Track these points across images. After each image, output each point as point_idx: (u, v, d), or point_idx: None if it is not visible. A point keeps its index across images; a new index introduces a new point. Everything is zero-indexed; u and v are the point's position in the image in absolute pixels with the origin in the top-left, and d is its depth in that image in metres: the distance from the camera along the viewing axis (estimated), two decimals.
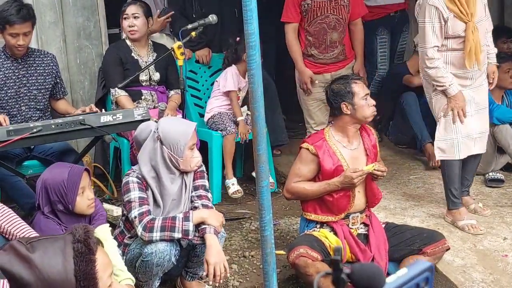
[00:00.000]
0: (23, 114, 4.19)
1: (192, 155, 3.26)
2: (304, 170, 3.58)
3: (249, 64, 2.58)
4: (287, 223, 4.41)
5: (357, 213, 3.62)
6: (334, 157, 3.53)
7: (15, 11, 3.93)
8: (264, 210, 2.74)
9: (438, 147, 4.15)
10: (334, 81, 3.70)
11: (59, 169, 3.12)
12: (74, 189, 3.03)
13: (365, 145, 3.62)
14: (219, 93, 4.94)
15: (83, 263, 1.72)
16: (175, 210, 3.27)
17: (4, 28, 3.98)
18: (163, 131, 3.22)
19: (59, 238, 1.79)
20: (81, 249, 1.73)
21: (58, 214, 3.08)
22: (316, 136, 3.67)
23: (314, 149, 3.53)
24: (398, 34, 5.93)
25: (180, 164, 3.23)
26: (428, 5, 3.95)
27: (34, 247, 1.74)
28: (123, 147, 4.57)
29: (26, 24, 3.98)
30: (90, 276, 1.72)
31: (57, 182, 3.03)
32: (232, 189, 4.77)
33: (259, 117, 2.63)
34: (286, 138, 5.42)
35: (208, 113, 4.95)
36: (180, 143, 3.20)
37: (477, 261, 3.77)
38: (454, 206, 4.20)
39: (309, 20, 4.58)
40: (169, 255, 3.14)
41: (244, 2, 2.52)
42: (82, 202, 3.08)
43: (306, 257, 3.33)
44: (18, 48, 4.04)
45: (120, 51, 4.69)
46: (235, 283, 3.63)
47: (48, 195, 3.04)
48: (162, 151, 3.21)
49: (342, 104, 3.53)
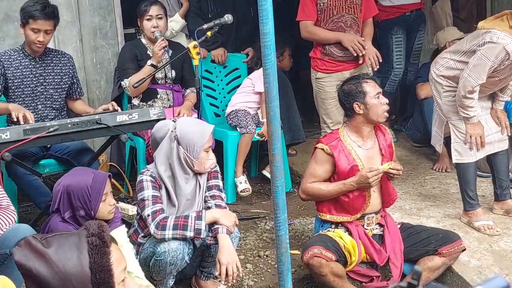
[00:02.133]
0: (39, 112, 4.22)
1: (207, 157, 3.28)
2: (319, 171, 3.57)
3: (265, 63, 2.58)
4: (302, 223, 4.41)
5: (372, 213, 3.61)
6: (349, 157, 3.52)
7: (41, 7, 4.00)
8: (279, 210, 2.74)
9: (455, 149, 4.13)
10: (345, 82, 3.69)
11: (82, 176, 3.08)
12: (98, 196, 3.00)
13: (380, 144, 3.61)
14: (250, 90, 4.96)
15: (98, 256, 1.73)
16: (189, 209, 3.28)
17: (27, 23, 4.03)
18: (180, 131, 3.23)
19: (73, 233, 1.81)
20: (96, 242, 1.74)
21: (80, 220, 3.06)
22: (331, 136, 3.66)
23: (329, 149, 3.52)
24: (414, 34, 5.90)
25: (195, 165, 3.24)
26: (502, 48, 3.82)
27: (49, 242, 1.76)
28: (139, 146, 4.59)
29: (49, 22, 4.04)
30: (105, 269, 1.74)
31: (81, 188, 3.00)
32: (241, 187, 4.78)
33: (274, 117, 2.64)
34: (303, 135, 5.40)
35: (232, 106, 4.95)
36: (196, 145, 3.21)
37: (493, 262, 3.74)
38: (470, 207, 4.18)
39: (325, 19, 4.56)
40: (182, 253, 3.15)
41: (259, 2, 2.52)
42: (104, 208, 3.06)
43: (320, 257, 3.32)
44: (37, 44, 4.08)
45: (136, 48, 4.72)
46: (250, 283, 3.64)
47: (70, 201, 3.01)
48: (178, 151, 3.22)
49: (354, 104, 3.52)
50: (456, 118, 4.11)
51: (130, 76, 4.54)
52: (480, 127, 4.06)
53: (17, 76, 4.14)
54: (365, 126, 3.57)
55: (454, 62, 4.09)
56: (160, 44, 4.42)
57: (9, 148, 3.44)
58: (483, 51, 3.87)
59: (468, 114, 4.01)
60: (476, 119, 4.03)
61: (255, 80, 4.95)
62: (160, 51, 4.41)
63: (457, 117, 4.10)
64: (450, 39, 5.44)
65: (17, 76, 4.14)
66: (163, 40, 4.45)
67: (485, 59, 3.86)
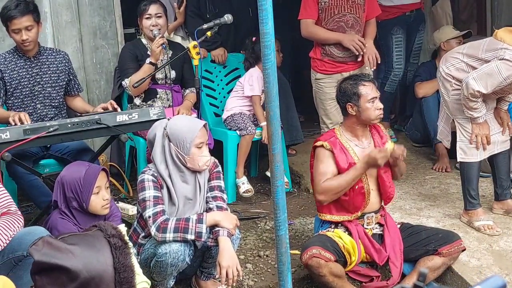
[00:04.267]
0: (39, 112, 4.22)
1: (200, 154, 3.24)
2: (327, 168, 3.53)
3: (265, 63, 2.58)
4: (302, 223, 4.41)
5: (372, 213, 3.61)
6: (347, 154, 3.53)
7: (14, 6, 3.97)
8: (279, 210, 2.74)
9: (460, 147, 4.12)
10: (345, 79, 3.70)
11: (77, 167, 3.18)
12: (89, 187, 3.07)
13: (375, 143, 3.62)
14: (242, 94, 4.95)
15: (122, 256, 1.77)
16: (190, 210, 3.28)
17: (7, 26, 4.03)
18: (170, 128, 3.23)
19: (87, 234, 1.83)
20: (118, 243, 1.79)
21: (74, 212, 3.11)
22: (328, 134, 3.67)
23: (329, 145, 3.52)
24: (414, 34, 5.90)
25: (187, 162, 3.23)
26: None
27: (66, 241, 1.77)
28: (139, 146, 4.59)
29: (25, 18, 3.99)
30: (128, 268, 1.78)
31: (74, 179, 3.09)
32: (243, 188, 4.78)
33: (274, 117, 2.64)
34: (301, 137, 5.42)
35: (228, 111, 4.95)
36: (186, 140, 3.20)
37: (493, 262, 3.74)
38: (471, 207, 4.17)
39: (326, 19, 4.56)
40: (183, 255, 3.15)
41: (259, 2, 2.52)
42: (97, 201, 3.11)
43: (319, 257, 3.32)
44: (23, 44, 4.05)
45: (136, 48, 4.72)
46: (250, 283, 3.64)
47: (64, 192, 3.10)
48: (170, 148, 3.23)
49: (347, 104, 3.54)
50: (462, 117, 4.09)
51: (131, 76, 4.54)
52: (487, 127, 4.05)
53: (14, 77, 4.13)
54: (358, 126, 3.59)
55: (467, 66, 4.04)
56: (157, 42, 4.42)
57: (9, 148, 3.44)
58: (499, 65, 3.82)
59: (472, 115, 4.00)
60: (482, 119, 4.02)
61: (244, 83, 4.95)
62: (158, 48, 4.41)
63: (463, 116, 4.08)
64: (445, 39, 5.45)
65: (14, 77, 4.13)
66: (160, 38, 4.45)
67: (497, 75, 3.82)
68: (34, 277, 1.76)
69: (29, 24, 4.01)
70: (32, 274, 1.76)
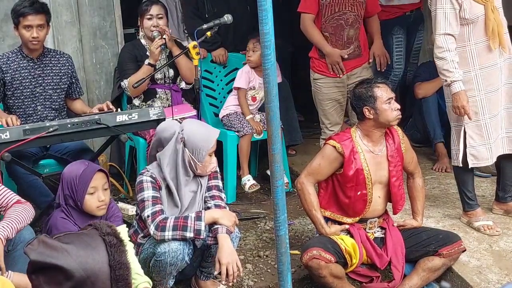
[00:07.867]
0: (39, 113, 4.22)
1: (211, 161, 3.31)
2: (324, 168, 3.53)
3: (264, 64, 2.58)
4: (302, 223, 4.40)
5: (375, 218, 3.60)
6: (358, 159, 3.48)
7: (29, 4, 4.03)
8: (279, 210, 2.74)
9: (471, 153, 4.00)
10: (357, 85, 3.64)
11: (77, 165, 3.21)
12: (84, 186, 3.09)
13: (388, 151, 3.57)
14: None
15: (118, 254, 1.77)
16: (189, 210, 3.29)
17: (19, 22, 4.05)
18: (187, 134, 3.24)
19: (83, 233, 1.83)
20: (113, 241, 1.78)
21: (72, 211, 3.13)
22: (343, 135, 3.58)
23: (341, 148, 3.47)
24: (414, 33, 5.90)
25: (198, 168, 3.27)
26: None
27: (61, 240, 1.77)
28: (139, 146, 4.59)
29: (39, 17, 4.04)
30: (124, 266, 1.78)
31: (71, 177, 3.13)
32: (248, 184, 4.77)
33: (274, 117, 2.64)
34: (300, 137, 5.42)
35: (224, 110, 4.96)
36: (203, 149, 3.24)
37: (493, 262, 3.74)
38: (469, 208, 4.17)
39: (326, 16, 4.56)
40: (182, 254, 3.15)
41: (259, 2, 2.52)
42: (92, 201, 3.12)
43: (319, 259, 3.32)
44: (32, 41, 4.07)
45: (135, 49, 4.72)
46: (250, 283, 3.64)
47: (62, 188, 3.15)
48: (183, 153, 3.24)
49: (364, 108, 3.48)
50: (467, 121, 3.94)
51: (130, 76, 4.54)
52: (463, 98, 3.83)
53: (16, 78, 4.14)
54: (376, 130, 3.53)
55: None
56: (156, 43, 4.42)
57: (9, 148, 3.44)
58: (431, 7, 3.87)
59: (447, 79, 3.83)
60: (458, 88, 3.82)
61: None
62: (157, 49, 4.42)
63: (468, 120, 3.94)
64: None
65: (16, 78, 4.14)
66: (160, 39, 4.45)
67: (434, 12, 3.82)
68: (30, 277, 1.76)
69: (41, 23, 4.07)
70: (28, 274, 1.76)
